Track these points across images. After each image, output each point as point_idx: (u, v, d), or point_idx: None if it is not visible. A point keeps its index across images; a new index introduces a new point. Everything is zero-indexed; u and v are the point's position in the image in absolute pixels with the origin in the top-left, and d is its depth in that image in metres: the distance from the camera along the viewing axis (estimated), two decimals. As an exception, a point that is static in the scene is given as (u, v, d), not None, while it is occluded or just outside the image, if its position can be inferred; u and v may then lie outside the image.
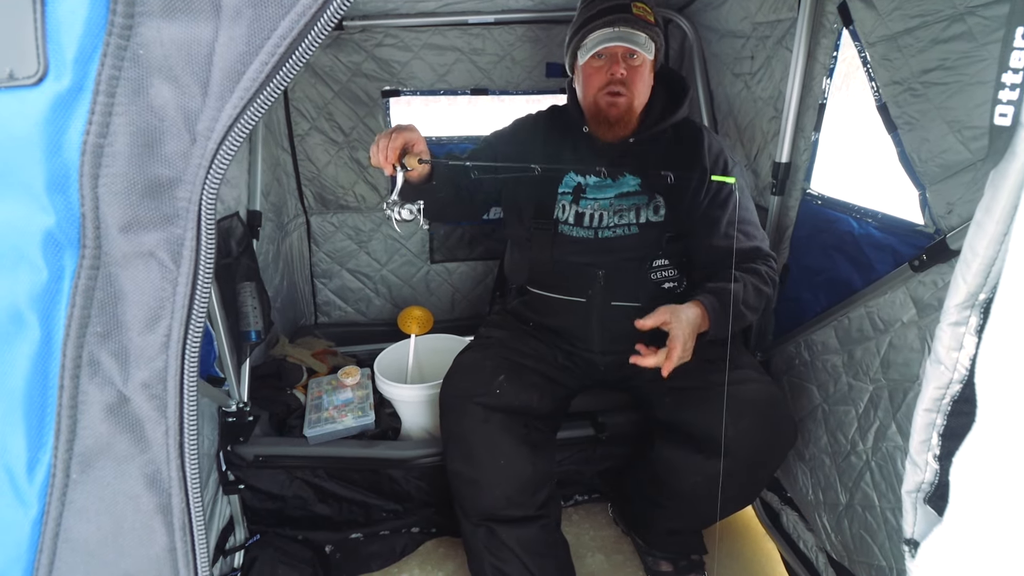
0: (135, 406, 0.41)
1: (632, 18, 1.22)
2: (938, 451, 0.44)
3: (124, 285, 0.39)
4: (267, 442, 1.46)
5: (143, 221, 0.38)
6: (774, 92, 1.48)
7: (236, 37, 0.35)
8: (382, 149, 1.11)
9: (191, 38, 0.35)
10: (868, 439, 1.17)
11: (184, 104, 0.36)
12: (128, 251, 0.38)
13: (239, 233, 1.54)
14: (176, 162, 0.37)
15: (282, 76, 0.36)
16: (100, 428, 0.41)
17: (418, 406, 1.51)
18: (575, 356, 1.39)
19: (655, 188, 1.33)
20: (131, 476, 0.43)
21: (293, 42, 0.35)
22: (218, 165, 0.37)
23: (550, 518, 1.26)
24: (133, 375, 0.41)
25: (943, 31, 0.96)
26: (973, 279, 0.39)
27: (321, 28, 0.36)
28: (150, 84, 0.35)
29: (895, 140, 1.07)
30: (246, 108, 0.36)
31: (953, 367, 0.41)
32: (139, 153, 0.36)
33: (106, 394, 0.41)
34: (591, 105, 1.30)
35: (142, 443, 0.41)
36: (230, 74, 0.35)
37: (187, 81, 0.36)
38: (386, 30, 1.93)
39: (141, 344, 0.40)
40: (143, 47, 0.35)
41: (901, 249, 1.09)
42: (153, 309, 0.39)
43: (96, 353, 0.40)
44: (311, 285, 2.24)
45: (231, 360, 1.38)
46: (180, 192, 0.37)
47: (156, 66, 0.35)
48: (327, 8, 0.35)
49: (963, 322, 0.40)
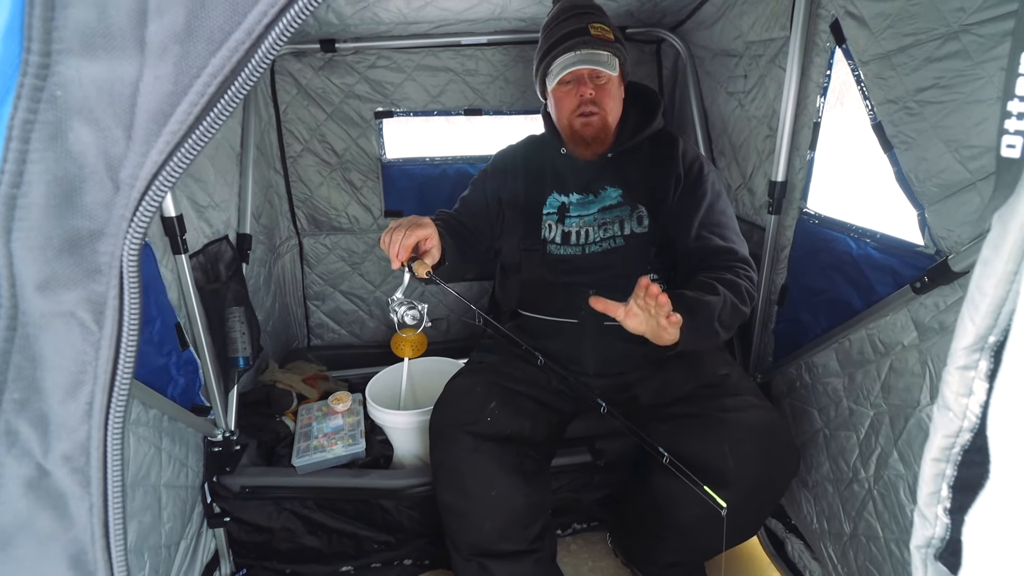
0: (56, 480, 0.37)
1: (591, 39, 1.24)
2: (948, 504, 0.40)
3: (43, 348, 0.36)
4: (254, 472, 1.42)
5: (61, 278, 0.35)
6: (768, 111, 1.47)
7: (162, 76, 0.32)
8: (394, 243, 1.09)
9: (113, 77, 0.32)
10: (870, 466, 1.13)
11: (106, 149, 0.33)
12: (46, 311, 0.34)
13: (228, 257, 1.51)
14: (98, 213, 0.34)
15: (214, 116, 0.34)
16: (19, 504, 0.37)
17: (410, 433, 1.47)
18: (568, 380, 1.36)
19: (637, 199, 1.33)
20: (54, 557, 0.39)
21: (225, 80, 0.32)
22: (141, 215, 0.34)
23: (544, 551, 1.21)
24: (54, 447, 0.37)
25: (937, 49, 0.94)
26: (982, 320, 0.36)
27: (256, 64, 0.33)
28: (69, 128, 0.32)
29: (892, 159, 1.05)
30: (174, 152, 0.33)
31: (963, 415, 0.38)
32: (57, 204, 0.33)
33: (24, 467, 0.37)
34: (566, 127, 1.32)
35: (65, 521, 0.38)
36: (156, 116, 0.32)
37: (109, 124, 0.33)
38: (379, 52, 1.93)
39: (62, 413, 0.36)
40: (60, 87, 0.32)
41: (901, 270, 1.06)
42: (74, 374, 0.36)
43: (13, 422, 0.37)
44: (304, 308, 2.22)
45: (217, 388, 1.35)
46: (102, 246, 0.34)
47: (75, 108, 0.32)
48: (261, 43, 0.32)
49: (972, 366, 0.37)
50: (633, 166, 1.35)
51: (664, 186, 1.32)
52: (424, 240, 1.14)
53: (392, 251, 1.10)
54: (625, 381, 1.32)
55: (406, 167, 2.07)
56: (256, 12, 0.31)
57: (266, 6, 0.31)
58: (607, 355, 1.31)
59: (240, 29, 0.31)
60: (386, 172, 2.07)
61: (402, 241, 1.09)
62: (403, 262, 1.11)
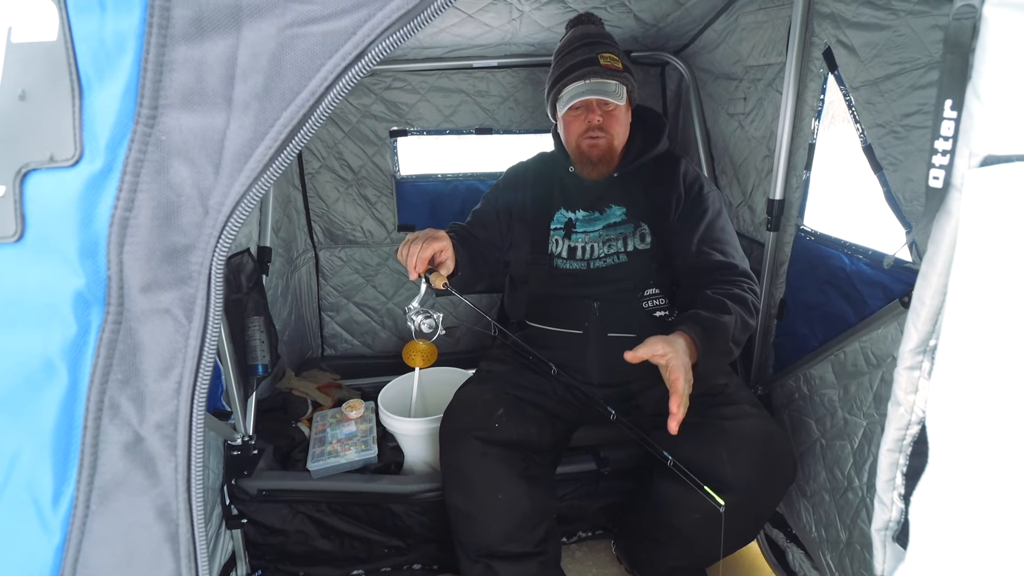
0: (149, 445, 0.45)
1: (600, 69, 1.30)
2: (903, 490, 0.45)
3: (142, 338, 0.44)
4: (270, 476, 1.48)
5: (160, 282, 0.43)
6: (766, 132, 1.53)
7: (244, 126, 0.40)
8: (412, 255, 1.15)
9: (206, 126, 0.40)
10: (863, 475, 1.17)
11: (199, 182, 0.42)
12: (147, 308, 0.43)
13: (249, 269, 1.59)
14: (191, 231, 0.42)
15: (284, 157, 0.42)
16: (118, 464, 0.45)
17: (420, 440, 1.53)
18: (574, 389, 1.41)
19: (640, 216, 1.39)
20: (143, 508, 0.47)
21: (293, 130, 0.41)
22: (227, 233, 0.43)
23: (549, 555, 1.25)
24: (148, 417, 0.45)
25: (920, 78, 1.00)
26: (923, 326, 0.42)
27: (318, 117, 0.41)
28: (170, 165, 0.41)
29: (881, 180, 1.11)
30: (252, 185, 0.41)
31: (911, 409, 0.44)
32: (159, 224, 0.42)
33: (124, 434, 0.45)
34: (575, 150, 1.39)
35: (154, 478, 0.46)
36: (239, 156, 0.40)
37: (202, 162, 0.41)
38: (395, 74, 2.02)
39: (156, 390, 0.44)
40: (165, 134, 0.40)
41: (892, 285, 1.11)
42: (167, 359, 0.44)
43: (116, 398, 0.45)
44: (319, 318, 2.29)
45: (238, 394, 1.41)
46: (193, 257, 0.42)
47: (176, 150, 0.41)
48: (322, 100, 0.41)
49: (917, 366, 0.43)
50: (637, 185, 1.42)
51: (666, 205, 1.38)
52: (439, 252, 1.20)
53: (410, 263, 1.16)
54: (628, 391, 1.38)
55: (419, 183, 2.16)
56: (318, 77, 0.39)
57: (327, 72, 0.39)
58: (610, 365, 1.36)
59: (306, 90, 0.40)
60: (400, 188, 2.16)
61: (419, 253, 1.15)
62: (420, 273, 1.17)
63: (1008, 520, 0.37)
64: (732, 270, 1.29)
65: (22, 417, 0.48)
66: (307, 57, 0.40)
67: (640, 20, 1.65)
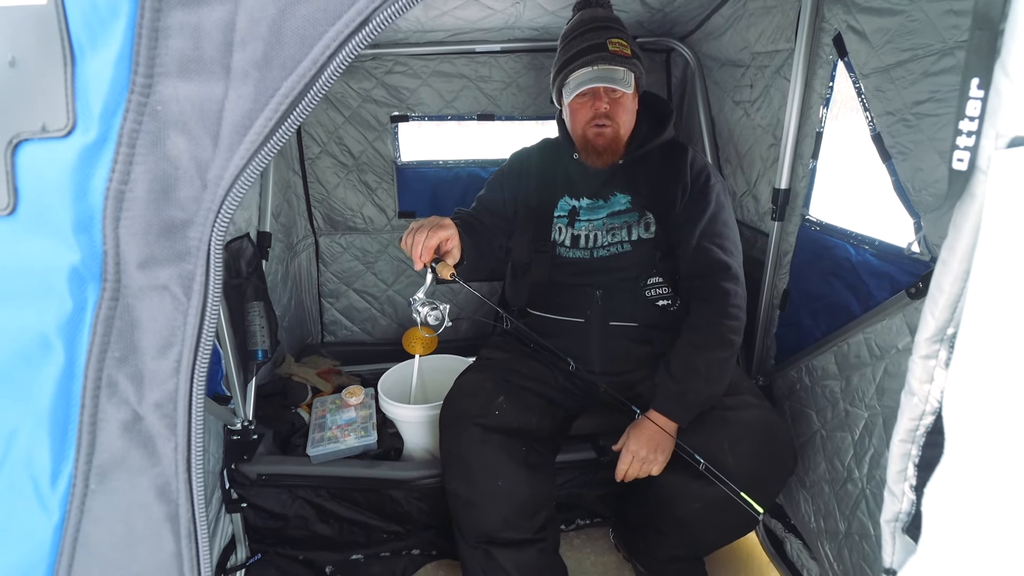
0: (148, 424, 0.44)
1: (608, 55, 1.27)
2: (914, 481, 0.45)
3: (140, 315, 0.43)
4: (270, 460, 1.48)
5: (158, 258, 0.42)
6: (773, 120, 1.51)
7: (243, 96, 0.38)
8: (417, 244, 1.10)
9: (204, 96, 0.39)
10: (864, 466, 1.16)
11: (197, 154, 0.40)
12: (144, 284, 0.41)
13: (249, 254, 1.58)
14: (188, 206, 0.40)
15: (284, 130, 0.40)
16: (116, 443, 0.45)
17: (420, 426, 1.53)
18: (575, 377, 1.41)
19: (645, 205, 1.38)
20: (143, 487, 0.47)
21: (294, 100, 0.39)
22: (226, 208, 0.41)
23: (548, 542, 1.25)
24: (147, 396, 0.44)
25: (933, 64, 0.98)
26: (941, 314, 0.41)
27: (319, 88, 0.40)
28: (167, 136, 0.39)
29: (890, 169, 1.09)
30: (252, 158, 0.40)
31: (925, 399, 0.43)
32: (156, 198, 0.40)
33: (122, 413, 0.44)
34: (580, 137, 1.37)
35: (153, 457, 0.45)
36: (238, 128, 0.39)
37: (200, 134, 0.40)
38: (396, 58, 1.99)
39: (154, 368, 0.43)
40: (161, 103, 0.39)
41: (898, 276, 1.10)
42: (165, 337, 0.43)
43: (114, 376, 0.44)
44: (318, 304, 2.28)
45: (238, 379, 1.40)
46: (192, 232, 0.41)
47: (172, 120, 0.39)
48: (324, 71, 0.39)
49: (933, 355, 0.42)
50: (642, 174, 1.40)
51: (672, 194, 1.37)
52: (446, 241, 1.14)
53: (415, 252, 1.11)
54: (629, 379, 1.37)
55: (420, 169, 2.14)
56: (320, 45, 0.37)
57: (329, 40, 0.37)
58: (612, 354, 1.36)
59: (308, 59, 0.38)
60: (401, 174, 2.13)
61: (424, 242, 1.10)
62: (426, 263, 1.12)
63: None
64: (725, 272, 1.29)
65: (19, 394, 0.47)
66: (309, 24, 0.39)
67: (646, 4, 1.62)
